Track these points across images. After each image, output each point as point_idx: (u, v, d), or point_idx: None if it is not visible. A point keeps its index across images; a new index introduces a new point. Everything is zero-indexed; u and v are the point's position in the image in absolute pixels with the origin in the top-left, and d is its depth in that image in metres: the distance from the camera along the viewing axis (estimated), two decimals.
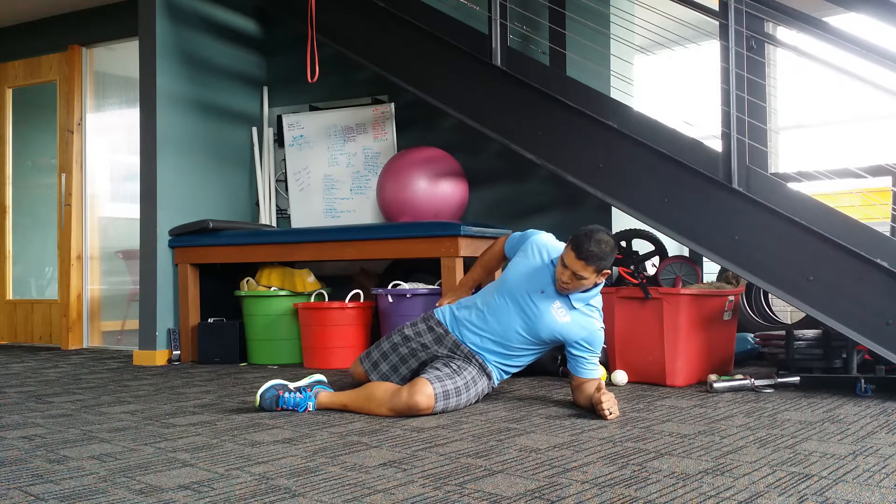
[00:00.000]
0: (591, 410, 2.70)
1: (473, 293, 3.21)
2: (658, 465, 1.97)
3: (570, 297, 2.84)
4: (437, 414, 2.71)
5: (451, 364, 2.86)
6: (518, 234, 3.11)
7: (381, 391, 2.74)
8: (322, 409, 2.82)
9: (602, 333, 2.90)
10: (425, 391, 2.67)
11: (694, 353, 3.38)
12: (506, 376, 3.02)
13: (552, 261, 2.87)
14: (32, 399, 3.24)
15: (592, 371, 2.83)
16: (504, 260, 3.19)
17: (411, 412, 2.65)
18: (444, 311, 3.06)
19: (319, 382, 2.93)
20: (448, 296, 3.24)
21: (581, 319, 2.84)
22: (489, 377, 2.93)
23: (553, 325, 2.84)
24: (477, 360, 2.91)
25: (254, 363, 4.46)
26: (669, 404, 2.89)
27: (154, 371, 4.19)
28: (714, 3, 3.29)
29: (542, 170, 4.07)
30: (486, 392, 2.95)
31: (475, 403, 2.92)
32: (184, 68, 4.78)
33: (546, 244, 2.96)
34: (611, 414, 2.60)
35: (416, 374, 2.96)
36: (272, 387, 2.81)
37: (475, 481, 1.83)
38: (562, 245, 2.93)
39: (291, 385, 2.86)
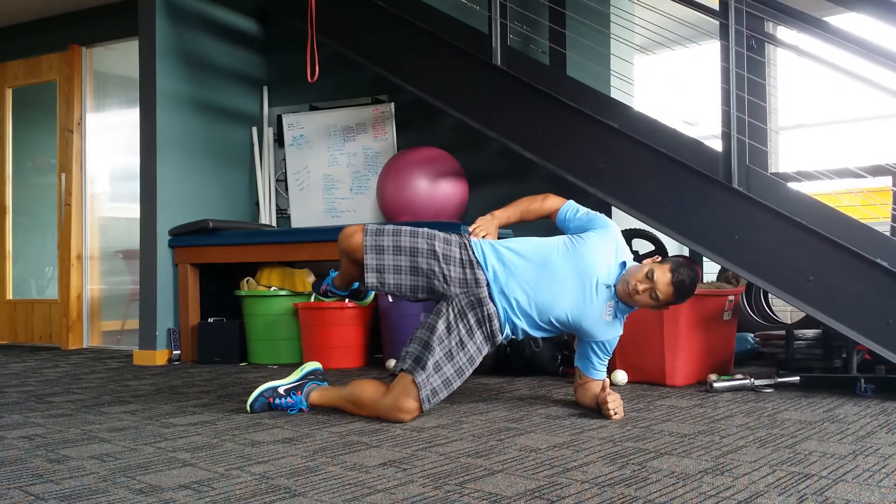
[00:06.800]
0: (594, 410, 2.71)
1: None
2: (658, 464, 1.97)
3: (621, 304, 2.75)
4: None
5: (453, 334, 2.65)
6: (579, 207, 2.86)
7: (369, 395, 2.66)
8: (315, 407, 2.81)
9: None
10: (408, 407, 2.56)
11: (694, 352, 3.38)
12: (512, 336, 2.79)
13: (623, 263, 2.73)
14: (32, 399, 3.24)
15: (601, 372, 2.81)
16: (543, 219, 2.95)
17: (397, 421, 2.59)
18: (483, 248, 2.73)
19: (312, 374, 2.89)
20: (485, 222, 2.87)
21: (615, 323, 2.78)
22: (495, 343, 2.74)
23: (596, 320, 2.72)
24: (490, 327, 2.68)
25: (254, 363, 4.46)
26: (669, 404, 2.89)
27: (154, 371, 4.19)
28: (714, 3, 3.29)
29: (542, 170, 4.07)
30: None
31: (476, 402, 2.92)
32: (184, 68, 4.78)
33: (623, 245, 2.78)
34: (616, 414, 2.59)
35: (427, 291, 2.72)
36: (261, 394, 2.78)
37: (475, 481, 1.83)
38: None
39: (282, 388, 2.81)
